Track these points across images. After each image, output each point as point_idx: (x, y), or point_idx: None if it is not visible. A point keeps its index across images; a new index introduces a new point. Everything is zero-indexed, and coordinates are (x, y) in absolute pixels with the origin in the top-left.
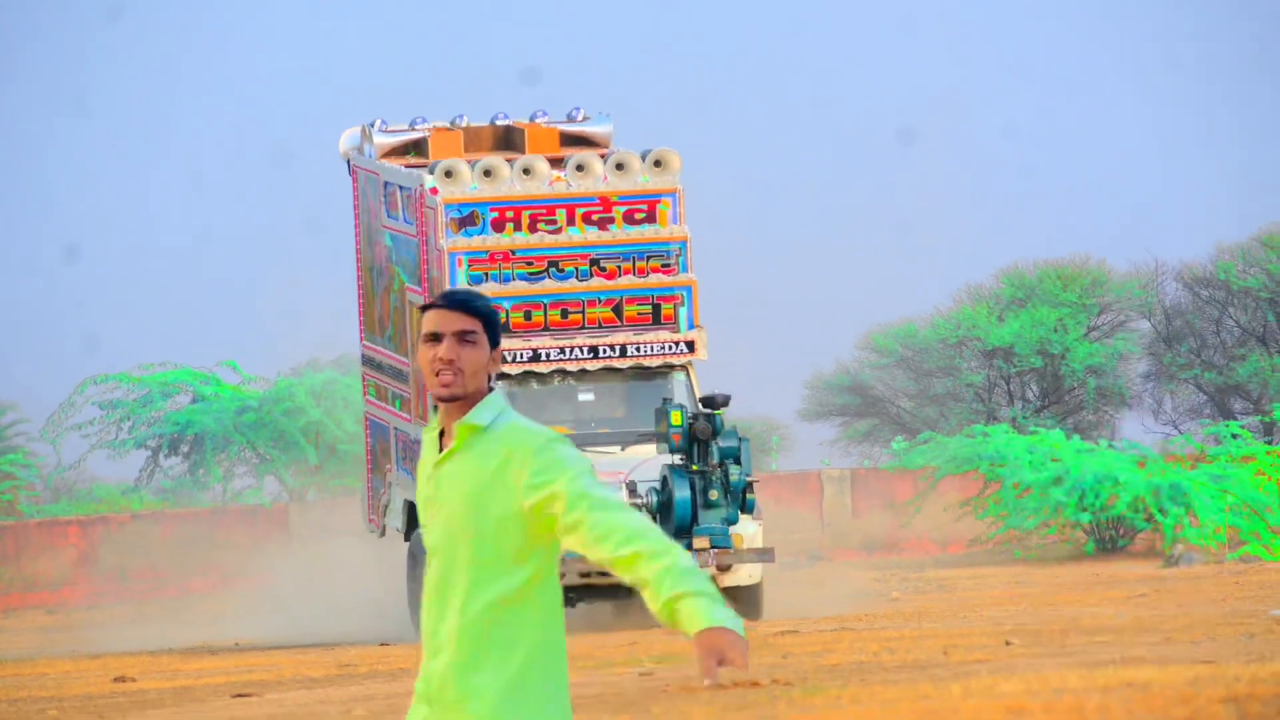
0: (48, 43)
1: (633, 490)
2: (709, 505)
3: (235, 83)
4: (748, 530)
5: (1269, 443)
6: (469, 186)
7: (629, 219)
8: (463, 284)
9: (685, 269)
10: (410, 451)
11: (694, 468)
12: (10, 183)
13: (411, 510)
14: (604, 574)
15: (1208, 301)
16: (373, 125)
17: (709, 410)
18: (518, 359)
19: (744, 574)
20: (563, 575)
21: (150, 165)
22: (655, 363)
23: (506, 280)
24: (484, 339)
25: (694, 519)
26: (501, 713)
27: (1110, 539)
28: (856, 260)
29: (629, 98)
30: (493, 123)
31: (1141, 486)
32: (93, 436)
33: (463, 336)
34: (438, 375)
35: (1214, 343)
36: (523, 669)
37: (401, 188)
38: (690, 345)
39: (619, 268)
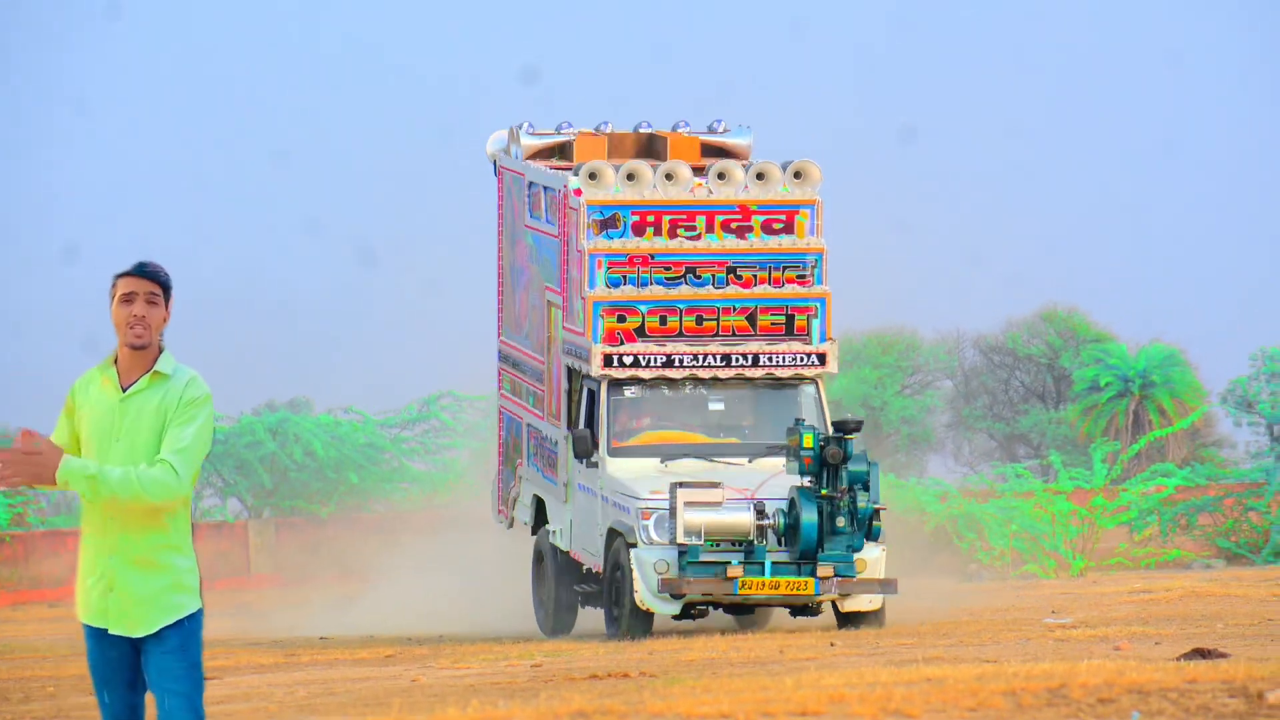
0: (46, 40)
1: (761, 513)
2: (835, 532)
3: (235, 81)
4: (871, 555)
5: (1045, 481)
6: (612, 189)
7: (767, 228)
8: (601, 286)
9: (820, 281)
10: (543, 449)
11: (823, 492)
12: (10, 181)
13: (540, 506)
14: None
15: (999, 365)
16: (520, 127)
17: (841, 434)
18: (652, 364)
19: (864, 600)
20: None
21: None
22: (786, 374)
23: (644, 284)
24: (163, 302)
25: (820, 545)
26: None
27: (918, 559)
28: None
29: (630, 97)
30: (636, 130)
31: (944, 516)
32: None
33: (150, 298)
34: (131, 329)
35: (1003, 399)
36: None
37: (546, 188)
38: (821, 358)
39: (755, 277)
